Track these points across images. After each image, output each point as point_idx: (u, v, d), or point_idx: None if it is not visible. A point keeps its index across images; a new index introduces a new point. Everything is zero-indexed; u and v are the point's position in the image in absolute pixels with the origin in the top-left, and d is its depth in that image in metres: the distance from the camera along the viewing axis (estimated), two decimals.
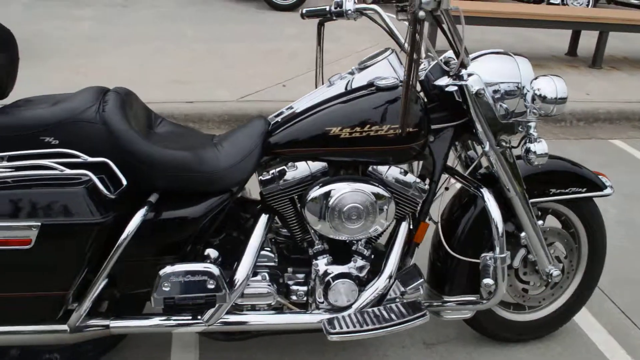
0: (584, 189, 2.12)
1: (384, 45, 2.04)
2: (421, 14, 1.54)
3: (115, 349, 2.09)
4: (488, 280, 1.92)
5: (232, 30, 6.50)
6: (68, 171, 1.59)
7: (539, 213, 2.17)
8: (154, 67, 5.03)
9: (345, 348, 2.23)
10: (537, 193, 2.08)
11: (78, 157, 1.62)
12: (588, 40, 6.08)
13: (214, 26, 6.64)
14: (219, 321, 1.84)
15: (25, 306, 1.68)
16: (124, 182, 1.65)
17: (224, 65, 5.22)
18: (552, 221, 2.23)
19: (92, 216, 1.58)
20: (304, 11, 2.08)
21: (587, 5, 7.93)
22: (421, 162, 2.04)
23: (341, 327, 1.86)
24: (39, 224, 1.55)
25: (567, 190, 2.11)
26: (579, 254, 2.26)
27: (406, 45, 1.69)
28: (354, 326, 1.86)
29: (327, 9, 2.00)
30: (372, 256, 1.98)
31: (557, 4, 7.70)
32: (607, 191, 2.15)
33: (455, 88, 1.87)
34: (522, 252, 2.12)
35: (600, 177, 2.17)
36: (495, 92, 1.88)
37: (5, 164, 1.59)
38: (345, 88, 1.88)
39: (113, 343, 2.05)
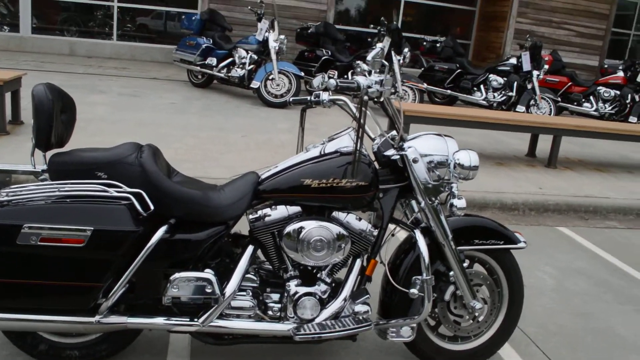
0: (502, 242, 2.73)
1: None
2: (365, 97, 2.24)
3: (121, 352, 2.60)
4: (413, 291, 2.49)
5: (231, 122, 7.32)
6: (115, 194, 2.20)
7: (468, 261, 2.76)
8: (161, 148, 5.72)
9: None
10: (464, 242, 2.69)
11: (121, 187, 2.24)
12: (548, 144, 6.89)
13: (215, 118, 7.47)
14: (210, 324, 2.38)
15: (68, 293, 2.21)
16: (152, 207, 2.25)
17: (222, 150, 5.94)
18: (479, 269, 2.81)
19: (130, 226, 2.18)
20: (290, 100, 2.76)
21: (550, 114, 8.87)
22: (374, 214, 2.66)
23: (305, 331, 2.40)
24: (92, 228, 2.14)
25: (487, 242, 2.72)
26: (501, 296, 2.84)
27: (354, 122, 2.36)
28: (315, 331, 2.40)
29: (308, 99, 2.65)
30: (333, 284, 2.55)
31: (522, 112, 8.62)
32: (520, 245, 2.75)
33: (398, 157, 2.54)
34: (451, 288, 2.69)
35: (516, 234, 2.79)
36: (429, 162, 2.55)
37: (69, 186, 2.20)
38: (318, 153, 2.54)
39: (122, 345, 2.56)
